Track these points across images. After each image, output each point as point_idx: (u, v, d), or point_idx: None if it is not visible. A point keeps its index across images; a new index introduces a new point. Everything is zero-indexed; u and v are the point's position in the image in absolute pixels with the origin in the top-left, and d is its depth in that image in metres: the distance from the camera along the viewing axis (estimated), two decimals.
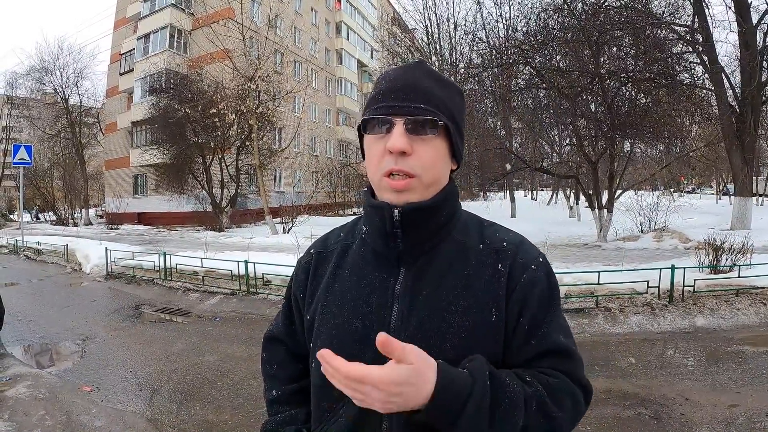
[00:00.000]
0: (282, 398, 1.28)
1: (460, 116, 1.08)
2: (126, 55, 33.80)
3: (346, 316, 1.07)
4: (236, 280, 9.25)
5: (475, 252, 1.07)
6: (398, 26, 43.03)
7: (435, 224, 1.06)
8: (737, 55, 16.38)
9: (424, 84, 1.02)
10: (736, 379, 4.72)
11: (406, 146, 0.97)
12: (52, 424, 4.12)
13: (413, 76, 1.03)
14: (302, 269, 1.22)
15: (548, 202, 42.04)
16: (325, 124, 42.37)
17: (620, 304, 7.04)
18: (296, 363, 1.29)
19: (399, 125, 0.98)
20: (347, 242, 1.18)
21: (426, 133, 0.99)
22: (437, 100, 1.01)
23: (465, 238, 1.09)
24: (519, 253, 1.07)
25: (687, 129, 15.60)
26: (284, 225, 21.06)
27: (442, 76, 1.08)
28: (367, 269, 1.10)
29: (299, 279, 1.22)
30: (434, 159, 1.01)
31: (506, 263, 1.05)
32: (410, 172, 0.99)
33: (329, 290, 1.12)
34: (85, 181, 37.19)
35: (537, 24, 16.02)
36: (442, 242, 1.08)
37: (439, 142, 1.02)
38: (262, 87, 22.88)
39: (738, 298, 7.00)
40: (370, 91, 1.10)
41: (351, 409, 1.02)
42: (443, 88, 1.05)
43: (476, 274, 1.04)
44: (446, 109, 1.02)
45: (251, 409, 4.38)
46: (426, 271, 1.06)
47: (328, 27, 43.66)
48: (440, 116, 1.00)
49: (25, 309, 8.47)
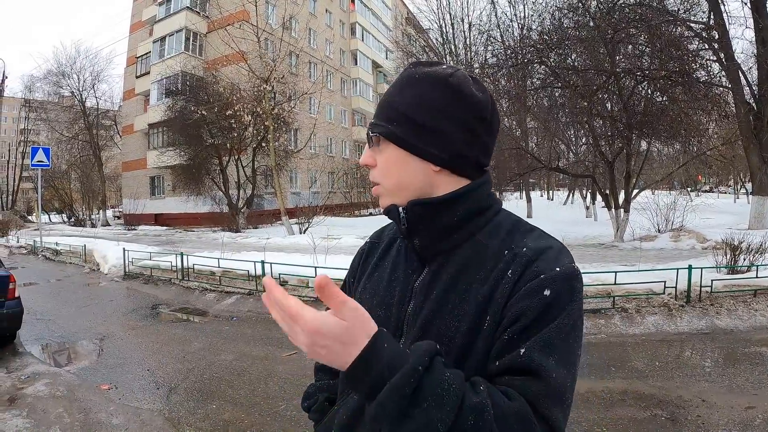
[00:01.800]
0: (326, 367, 1.32)
1: (425, 110, 1.01)
2: (142, 58, 34.15)
3: (374, 305, 1.10)
4: (253, 281, 9.30)
5: (494, 257, 1.01)
6: (413, 27, 43.00)
7: (446, 223, 1.04)
8: (754, 52, 16.16)
9: (387, 97, 1.08)
10: (753, 380, 4.67)
11: (367, 159, 1.09)
12: (70, 421, 4.18)
13: (389, 90, 1.09)
14: (357, 255, 1.32)
15: (564, 202, 41.74)
16: (340, 124, 42.47)
17: (637, 305, 6.99)
18: None
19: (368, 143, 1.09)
20: (395, 235, 1.23)
21: (376, 145, 1.07)
22: (389, 109, 1.05)
23: (489, 241, 1.03)
24: (536, 261, 0.95)
25: (704, 127, 15.42)
26: (300, 225, 21.13)
27: (414, 74, 1.05)
28: (401, 263, 1.14)
29: (354, 265, 1.31)
30: (389, 167, 1.06)
31: (517, 270, 0.95)
32: (374, 182, 1.09)
33: (369, 278, 1.20)
34: (102, 182, 37.60)
35: (552, 23, 15.96)
36: (463, 244, 1.05)
37: (389, 150, 1.05)
38: (277, 88, 23.00)
39: (756, 299, 6.93)
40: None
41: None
42: (405, 92, 1.04)
43: (486, 279, 0.99)
44: (396, 114, 1.02)
45: (267, 408, 4.41)
46: (442, 272, 1.05)
47: (342, 28, 43.73)
48: (383, 127, 1.04)
49: (44, 308, 8.58)
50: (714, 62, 15.38)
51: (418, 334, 1.01)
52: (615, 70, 14.14)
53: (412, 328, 1.03)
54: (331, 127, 40.14)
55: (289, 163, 28.29)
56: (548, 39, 15.38)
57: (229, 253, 11.43)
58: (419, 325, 1.02)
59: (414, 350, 0.82)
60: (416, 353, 0.81)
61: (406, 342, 1.03)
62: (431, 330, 1.01)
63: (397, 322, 1.06)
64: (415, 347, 0.84)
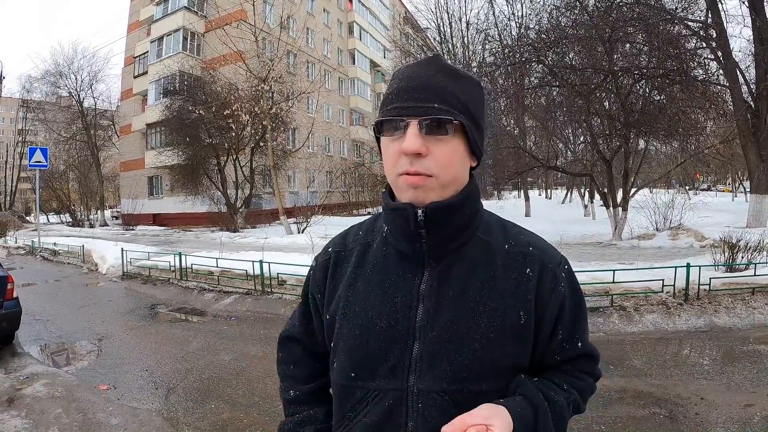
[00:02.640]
0: (300, 398, 1.27)
1: (479, 110, 1.05)
2: (140, 58, 34.13)
3: (371, 316, 1.06)
4: (251, 280, 9.29)
5: (501, 253, 1.07)
6: (410, 26, 42.95)
7: (458, 223, 1.05)
8: (752, 51, 16.19)
9: (437, 81, 0.99)
10: (751, 378, 4.67)
11: (420, 148, 0.95)
12: (69, 421, 4.18)
13: (426, 73, 1.00)
14: (320, 268, 1.20)
15: (563, 200, 41.73)
16: (338, 124, 42.47)
17: (635, 303, 7.00)
18: (314, 362, 1.28)
19: (413, 126, 0.96)
20: (367, 240, 1.16)
21: (441, 133, 0.97)
22: (452, 97, 0.99)
23: (489, 238, 1.09)
24: (545, 258, 1.08)
25: (701, 126, 15.44)
26: (299, 225, 21.12)
27: (458, 69, 1.05)
28: (391, 269, 1.09)
29: (317, 278, 1.20)
30: (450, 159, 0.99)
31: (534, 268, 1.06)
32: (426, 173, 0.97)
33: (351, 289, 1.11)
34: (100, 182, 37.61)
35: (549, 21, 15.97)
36: (468, 242, 1.07)
37: (455, 141, 0.99)
38: (275, 88, 22.95)
39: (754, 297, 6.93)
40: (385, 88, 1.08)
41: (376, 410, 1.03)
42: (458, 83, 1.02)
43: (503, 276, 1.05)
44: (461, 105, 0.99)
45: (266, 408, 4.41)
46: (451, 272, 1.05)
47: (340, 27, 43.73)
48: (455, 114, 0.97)
49: (42, 309, 8.57)
50: (712, 61, 15.40)
51: (442, 335, 1.01)
52: (613, 68, 14.14)
53: (428, 332, 1.02)
54: (329, 127, 40.15)
55: (287, 162, 28.25)
56: (546, 38, 15.39)
57: (227, 253, 11.42)
58: (442, 327, 1.02)
59: (526, 393, 1.02)
60: (530, 395, 1.01)
61: (422, 346, 1.02)
62: (458, 330, 1.02)
63: (406, 330, 1.03)
64: (518, 385, 1.03)
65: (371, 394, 1.04)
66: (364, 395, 1.04)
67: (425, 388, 1.00)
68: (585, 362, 1.15)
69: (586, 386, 1.15)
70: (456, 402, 0.98)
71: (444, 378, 0.99)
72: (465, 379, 0.99)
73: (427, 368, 1.00)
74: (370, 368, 1.04)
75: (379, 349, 1.04)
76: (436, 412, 0.98)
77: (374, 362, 1.04)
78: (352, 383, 1.06)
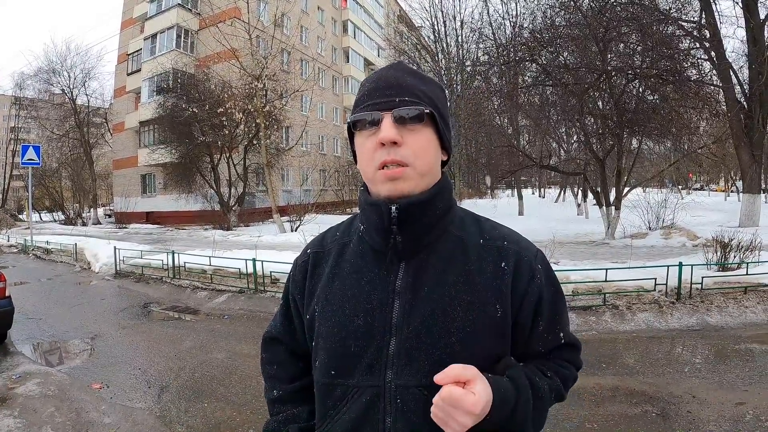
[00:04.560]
0: (284, 397, 1.29)
1: (444, 109, 1.11)
2: (133, 55, 33.97)
3: (347, 314, 1.08)
4: (244, 279, 9.29)
5: (475, 248, 1.10)
6: (405, 24, 42.95)
7: (431, 219, 1.08)
8: (745, 51, 16.26)
9: (406, 80, 1.06)
10: (743, 377, 4.70)
11: (396, 136, 1.00)
12: (62, 421, 4.16)
13: (394, 75, 1.07)
14: (299, 269, 1.23)
15: (556, 199, 41.93)
16: (332, 122, 42.45)
17: (628, 302, 7.02)
18: (296, 362, 1.30)
19: (387, 118, 1.01)
20: (344, 240, 1.19)
21: (413, 123, 1.02)
22: (420, 92, 1.05)
23: (462, 233, 1.12)
24: (521, 251, 1.11)
25: (695, 125, 15.49)
26: (292, 223, 21.13)
27: (422, 73, 1.13)
28: (367, 266, 1.11)
29: (296, 279, 1.23)
30: (424, 147, 1.04)
31: (509, 261, 1.09)
32: (403, 161, 1.01)
33: (329, 288, 1.13)
34: (93, 180, 37.47)
35: (543, 21, 15.99)
36: (441, 238, 1.10)
37: (427, 131, 1.05)
38: (269, 86, 22.89)
39: (746, 296, 6.97)
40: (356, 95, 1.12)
41: (355, 407, 1.05)
42: (425, 83, 1.08)
43: (477, 270, 1.07)
44: (429, 100, 1.05)
45: (259, 406, 4.40)
46: (426, 267, 1.08)
47: (334, 25, 43.68)
48: (425, 106, 1.03)
49: (35, 307, 8.54)
50: (705, 61, 15.47)
51: (419, 330, 1.04)
52: (606, 68, 14.17)
53: (404, 328, 1.04)
54: (323, 125, 40.12)
55: (281, 160, 28.22)
56: (540, 37, 15.40)
57: (220, 251, 11.40)
58: (418, 322, 1.04)
59: (513, 376, 1.03)
60: (517, 379, 1.03)
61: (399, 342, 1.04)
62: (434, 325, 1.04)
63: (383, 326, 1.05)
64: (506, 367, 1.05)
65: (350, 391, 1.06)
66: (344, 393, 1.07)
67: (403, 383, 1.02)
68: (568, 352, 1.19)
69: (569, 375, 1.18)
70: (434, 396, 1.00)
71: (422, 373, 1.01)
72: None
73: (405, 364, 1.03)
74: (348, 366, 1.06)
75: (356, 346, 1.06)
76: (415, 407, 1.01)
77: (352, 360, 1.06)
78: (333, 381, 1.08)
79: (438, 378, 0.93)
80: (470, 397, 0.91)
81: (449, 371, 0.93)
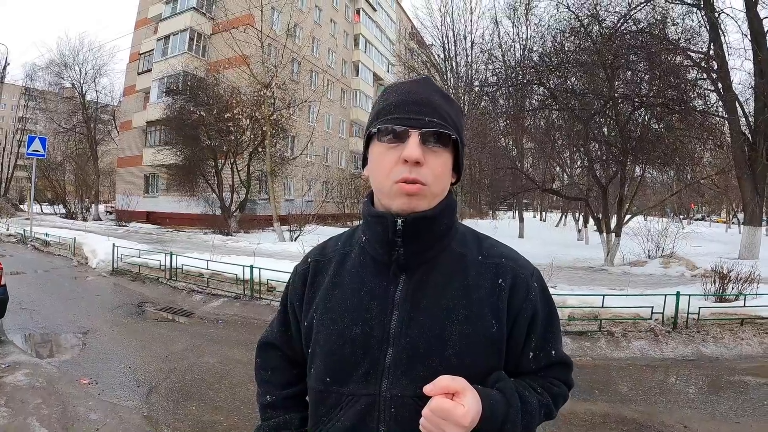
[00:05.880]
0: (276, 403, 1.29)
1: (462, 132, 1.13)
2: (145, 55, 34.17)
3: (346, 323, 1.09)
4: (241, 285, 9.25)
5: (474, 264, 1.12)
6: (415, 41, 43.23)
7: (435, 234, 1.09)
8: (752, 84, 16.36)
9: (434, 100, 1.07)
10: (736, 409, 4.67)
11: (420, 156, 1.01)
12: (48, 413, 4.13)
13: (424, 91, 1.08)
14: (299, 277, 1.24)
15: (557, 223, 41.95)
16: (338, 134, 42.50)
17: (623, 329, 6.99)
18: (291, 368, 1.31)
19: (414, 136, 1.02)
20: (345, 250, 1.20)
21: (438, 146, 1.04)
22: (447, 115, 1.07)
23: (463, 249, 1.14)
24: (518, 269, 1.13)
25: (698, 156, 15.58)
26: (292, 233, 21.10)
27: (448, 93, 1.14)
28: (367, 277, 1.12)
29: (296, 286, 1.24)
30: (443, 170, 1.06)
31: (507, 278, 1.10)
32: (422, 181, 1.02)
33: (328, 297, 1.14)
34: (96, 176, 37.45)
35: (553, 45, 16.10)
36: (442, 252, 1.12)
37: (446, 155, 1.07)
38: (277, 94, 23.02)
39: (742, 328, 6.95)
40: (377, 101, 1.13)
41: (349, 415, 1.06)
42: (450, 105, 1.10)
43: (475, 285, 1.09)
44: (453, 124, 1.08)
45: (247, 413, 4.37)
46: (426, 280, 1.09)
47: (346, 39, 43.88)
48: (452, 131, 1.06)
49: (29, 298, 8.51)
50: (712, 92, 15.58)
51: (416, 342, 1.05)
52: (613, 95, 14.26)
53: (402, 339, 1.05)
54: (329, 137, 40.18)
55: (285, 169, 28.26)
56: (549, 61, 15.53)
57: (218, 256, 11.38)
58: (416, 334, 1.05)
59: (503, 388, 1.04)
60: (507, 391, 1.04)
61: (395, 352, 1.05)
62: (431, 337, 1.05)
63: (381, 336, 1.06)
64: (497, 381, 1.06)
65: (345, 399, 1.07)
66: (338, 400, 1.07)
67: (398, 393, 1.03)
68: (559, 370, 1.19)
69: (559, 393, 1.17)
70: None
71: (417, 383, 1.01)
72: None
73: (401, 374, 1.03)
74: (344, 373, 1.07)
75: (353, 354, 1.07)
76: (410, 417, 1.01)
77: (349, 368, 1.07)
78: (327, 388, 1.09)
79: (427, 389, 0.95)
80: (459, 410, 0.92)
81: (438, 382, 0.95)
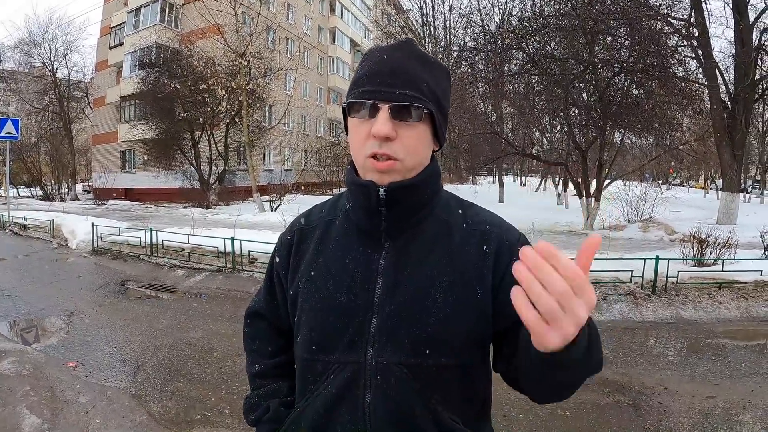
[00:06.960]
0: (265, 372, 1.30)
1: (446, 98, 1.09)
2: (116, 28, 33.23)
3: (331, 290, 1.08)
4: (222, 258, 9.24)
5: (458, 231, 1.11)
6: (393, 6, 42.71)
7: (418, 202, 1.08)
8: (732, 52, 16.46)
9: (410, 68, 1.01)
10: (715, 371, 4.80)
11: (390, 132, 0.98)
12: (37, 399, 4.12)
13: (399, 58, 1.02)
14: (284, 245, 1.22)
15: (537, 188, 42.13)
16: (316, 102, 42.08)
17: (603, 292, 7.09)
18: (278, 337, 1.31)
19: (384, 111, 0.99)
20: (330, 218, 1.18)
21: (410, 120, 1.00)
22: (422, 83, 1.01)
23: (447, 216, 1.13)
24: (503, 235, 1.11)
25: (678, 122, 15.66)
26: (272, 203, 21.05)
27: (430, 57, 1.08)
28: (352, 245, 1.11)
29: (281, 255, 1.22)
30: (417, 144, 1.03)
31: (491, 245, 1.09)
32: (393, 156, 1.00)
33: (313, 265, 1.13)
34: (72, 155, 36.76)
35: (532, 9, 16.00)
36: (426, 220, 1.11)
37: (422, 126, 1.03)
38: (253, 63, 22.63)
39: (720, 292, 7.08)
40: (357, 68, 1.08)
41: (335, 382, 1.06)
42: (430, 71, 1.05)
43: (460, 252, 1.08)
44: (431, 94, 1.03)
45: (234, 386, 4.40)
46: (410, 248, 1.09)
47: (321, 5, 43.12)
48: (425, 102, 1.01)
49: (11, 284, 8.41)
50: (692, 59, 15.62)
51: (400, 309, 1.04)
52: (593, 60, 14.25)
53: (386, 306, 1.05)
54: (306, 105, 39.76)
55: (263, 139, 28.05)
56: (528, 25, 15.42)
57: (199, 230, 11.32)
58: (400, 301, 1.05)
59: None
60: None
61: (380, 320, 1.04)
62: (415, 304, 1.04)
63: (365, 304, 1.06)
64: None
65: (331, 367, 1.07)
66: (325, 368, 1.07)
67: (384, 360, 1.03)
68: None
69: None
70: (415, 374, 1.02)
71: (402, 351, 1.02)
72: (423, 351, 1.02)
73: (386, 341, 1.03)
74: (330, 342, 1.07)
75: (338, 322, 1.06)
76: (395, 384, 1.02)
77: (334, 336, 1.07)
78: (314, 357, 1.09)
79: (541, 249, 0.75)
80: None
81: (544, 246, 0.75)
